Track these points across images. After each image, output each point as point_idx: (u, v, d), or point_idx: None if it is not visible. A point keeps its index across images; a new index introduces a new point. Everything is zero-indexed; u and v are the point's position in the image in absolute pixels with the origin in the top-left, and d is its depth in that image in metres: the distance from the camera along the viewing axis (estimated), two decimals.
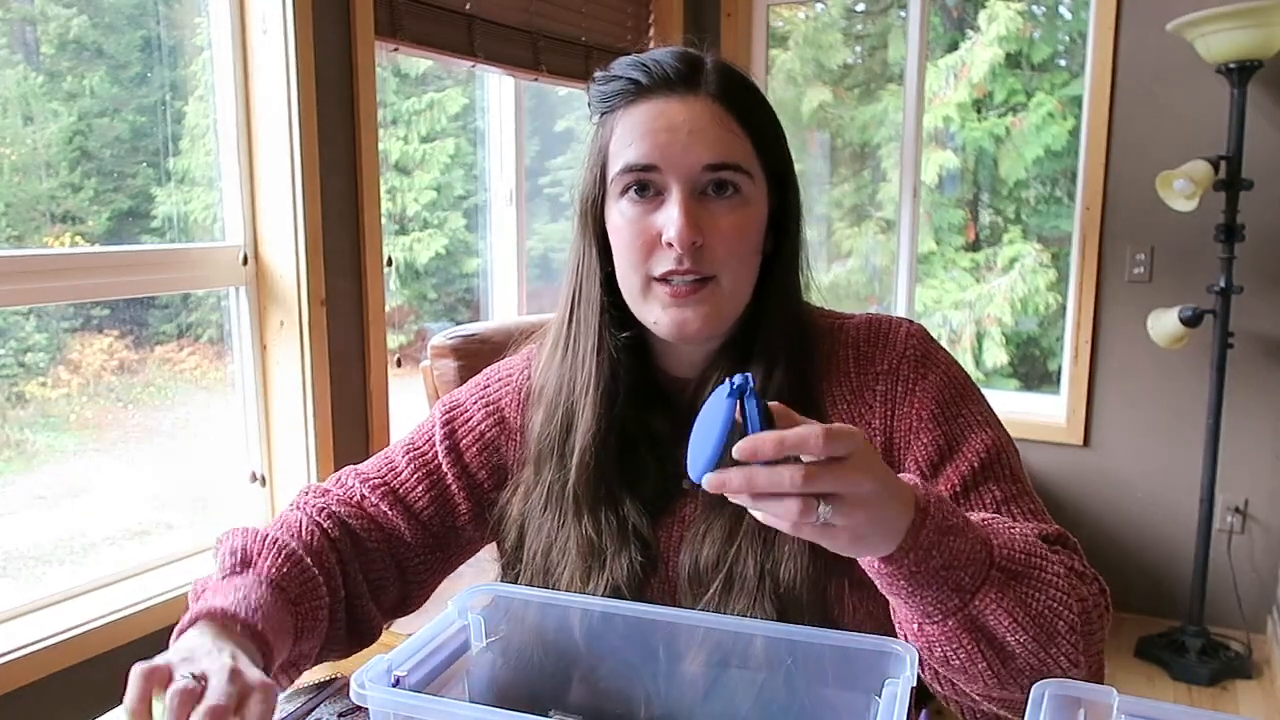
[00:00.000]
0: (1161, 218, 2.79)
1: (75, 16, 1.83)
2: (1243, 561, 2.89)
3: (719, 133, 0.81)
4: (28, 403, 1.80)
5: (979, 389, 0.90)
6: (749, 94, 0.85)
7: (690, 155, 0.80)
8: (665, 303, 0.83)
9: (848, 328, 0.90)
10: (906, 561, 0.65)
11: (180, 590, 1.83)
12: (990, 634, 0.69)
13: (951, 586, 0.67)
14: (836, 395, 0.87)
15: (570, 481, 0.86)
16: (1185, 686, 2.67)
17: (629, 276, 0.84)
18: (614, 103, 0.84)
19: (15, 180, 1.77)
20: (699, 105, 0.81)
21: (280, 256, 2.02)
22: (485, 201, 2.86)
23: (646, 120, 0.82)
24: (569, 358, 0.89)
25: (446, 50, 2.37)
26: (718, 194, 0.82)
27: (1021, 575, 0.69)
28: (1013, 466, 0.85)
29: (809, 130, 3.80)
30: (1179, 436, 2.92)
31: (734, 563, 0.82)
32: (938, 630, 0.69)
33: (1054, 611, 0.70)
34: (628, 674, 0.80)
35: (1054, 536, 0.81)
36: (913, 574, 0.66)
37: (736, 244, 0.82)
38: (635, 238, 0.82)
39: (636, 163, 0.81)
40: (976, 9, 3.55)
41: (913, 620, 0.70)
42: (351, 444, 2.13)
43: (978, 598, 0.68)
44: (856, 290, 3.78)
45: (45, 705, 1.63)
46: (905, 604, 0.69)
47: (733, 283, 0.83)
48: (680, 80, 0.82)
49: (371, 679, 0.68)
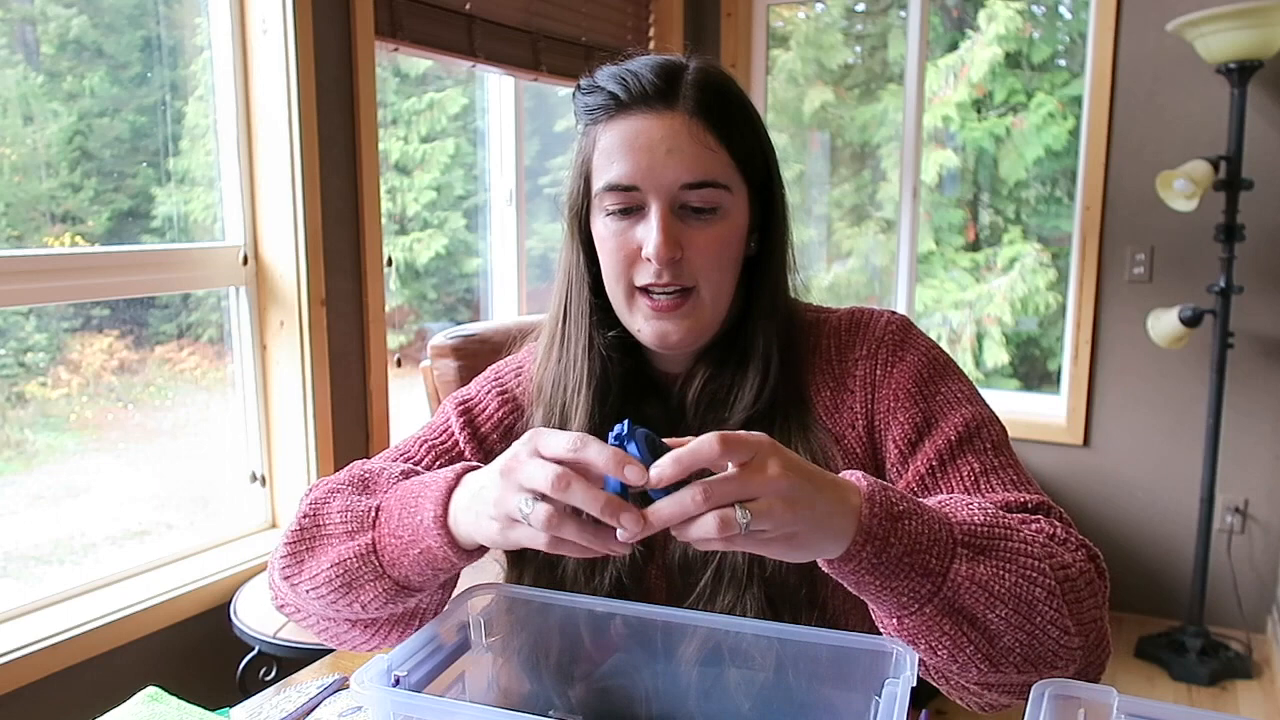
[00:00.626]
0: (1161, 218, 2.79)
1: (75, 16, 1.83)
2: (1243, 561, 2.89)
3: (696, 150, 0.82)
4: (28, 403, 1.80)
5: (959, 370, 0.90)
6: (728, 105, 0.85)
7: (668, 173, 0.82)
8: (647, 314, 0.85)
9: (831, 319, 0.92)
10: (864, 554, 0.64)
11: (180, 590, 1.83)
12: (970, 614, 0.67)
13: (920, 572, 0.66)
14: (820, 384, 0.89)
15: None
16: (1185, 686, 2.67)
17: (613, 286, 0.87)
18: (596, 115, 0.86)
19: (15, 180, 1.77)
20: (676, 122, 0.82)
21: (280, 256, 2.02)
22: (485, 201, 2.86)
23: (626, 138, 0.83)
24: (563, 358, 0.91)
25: (446, 50, 2.37)
26: (696, 210, 0.83)
27: (989, 549, 0.68)
28: (994, 440, 0.85)
29: (809, 130, 3.80)
30: (1179, 436, 2.92)
31: (724, 553, 0.83)
32: (917, 621, 0.68)
33: (1030, 579, 0.68)
34: (628, 673, 0.80)
35: (1034, 505, 0.79)
36: (876, 566, 0.65)
37: (716, 256, 0.84)
38: (617, 250, 0.85)
39: (617, 182, 0.83)
40: (976, 9, 3.55)
41: (891, 616, 0.69)
42: (351, 444, 2.13)
43: (949, 579, 0.66)
44: (856, 290, 3.78)
45: (45, 705, 1.63)
46: (879, 601, 0.68)
47: (713, 293, 0.85)
48: (658, 95, 0.83)
49: (371, 678, 0.68)
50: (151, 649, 1.79)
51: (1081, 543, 0.77)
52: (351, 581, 0.77)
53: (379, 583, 0.76)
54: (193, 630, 1.85)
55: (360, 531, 0.77)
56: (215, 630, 1.84)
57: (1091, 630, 0.72)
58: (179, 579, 1.86)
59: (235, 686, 1.77)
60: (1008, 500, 0.79)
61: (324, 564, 0.78)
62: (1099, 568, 0.77)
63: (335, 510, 0.80)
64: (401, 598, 0.77)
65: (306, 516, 0.81)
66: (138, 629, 1.75)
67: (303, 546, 0.80)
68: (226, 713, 0.98)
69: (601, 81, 0.85)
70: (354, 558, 0.76)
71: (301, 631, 1.67)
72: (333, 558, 0.78)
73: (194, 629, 1.85)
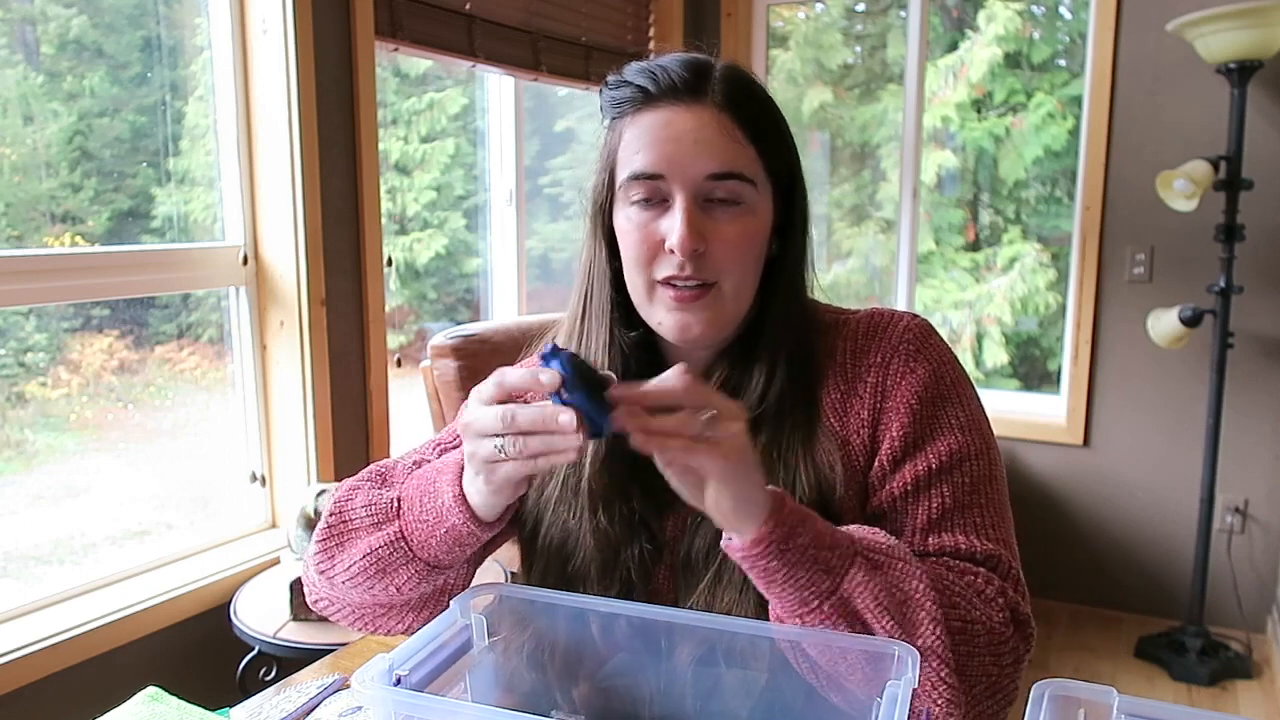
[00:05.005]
0: (1161, 218, 2.79)
1: (75, 16, 1.83)
2: (1243, 561, 2.89)
3: (724, 142, 0.82)
4: (28, 403, 1.80)
5: (973, 393, 0.89)
6: (756, 103, 0.86)
7: (695, 164, 0.82)
8: (669, 306, 0.85)
9: (850, 322, 0.91)
10: (775, 537, 0.70)
11: (180, 590, 1.83)
12: (860, 618, 0.71)
13: (821, 567, 0.71)
14: (831, 387, 0.88)
15: (585, 476, 0.88)
16: (1185, 686, 2.67)
17: (634, 279, 0.86)
18: (623, 109, 0.86)
19: (15, 180, 1.77)
20: (705, 114, 0.82)
21: (280, 256, 2.01)
22: (485, 201, 2.86)
23: (653, 129, 0.83)
24: (583, 353, 0.91)
25: (446, 50, 2.37)
26: (721, 202, 0.83)
27: (884, 565, 0.73)
28: (974, 475, 0.84)
29: (809, 130, 3.80)
30: (1179, 437, 2.92)
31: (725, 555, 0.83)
32: (815, 619, 0.71)
33: (917, 604, 0.72)
34: (631, 674, 0.80)
35: (984, 556, 0.80)
36: (783, 551, 0.70)
37: (739, 251, 0.84)
38: (641, 242, 0.84)
39: (643, 171, 0.83)
40: (976, 9, 3.55)
41: (793, 615, 0.72)
42: (351, 444, 2.13)
43: (846, 578, 0.71)
44: (856, 290, 3.78)
45: (45, 705, 1.63)
46: (782, 594, 0.72)
47: (734, 288, 0.85)
48: (686, 89, 0.83)
49: (373, 678, 0.68)
50: (151, 649, 1.79)
51: (1011, 604, 0.78)
52: (385, 568, 0.83)
53: (411, 566, 0.82)
54: (193, 630, 1.85)
55: (387, 522, 0.83)
56: (215, 630, 1.83)
57: (979, 684, 0.75)
58: (179, 579, 1.86)
59: (235, 686, 1.77)
60: (958, 545, 0.80)
61: (356, 555, 0.84)
62: (1023, 633, 0.78)
63: (359, 505, 0.86)
64: (433, 576, 0.84)
65: (333, 514, 0.87)
66: (138, 629, 1.75)
67: (333, 543, 0.86)
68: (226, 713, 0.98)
69: (630, 76, 0.85)
70: (384, 546, 0.82)
71: (302, 631, 1.67)
72: (363, 549, 0.84)
73: (194, 629, 1.85)
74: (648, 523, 0.88)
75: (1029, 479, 3.12)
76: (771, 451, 0.84)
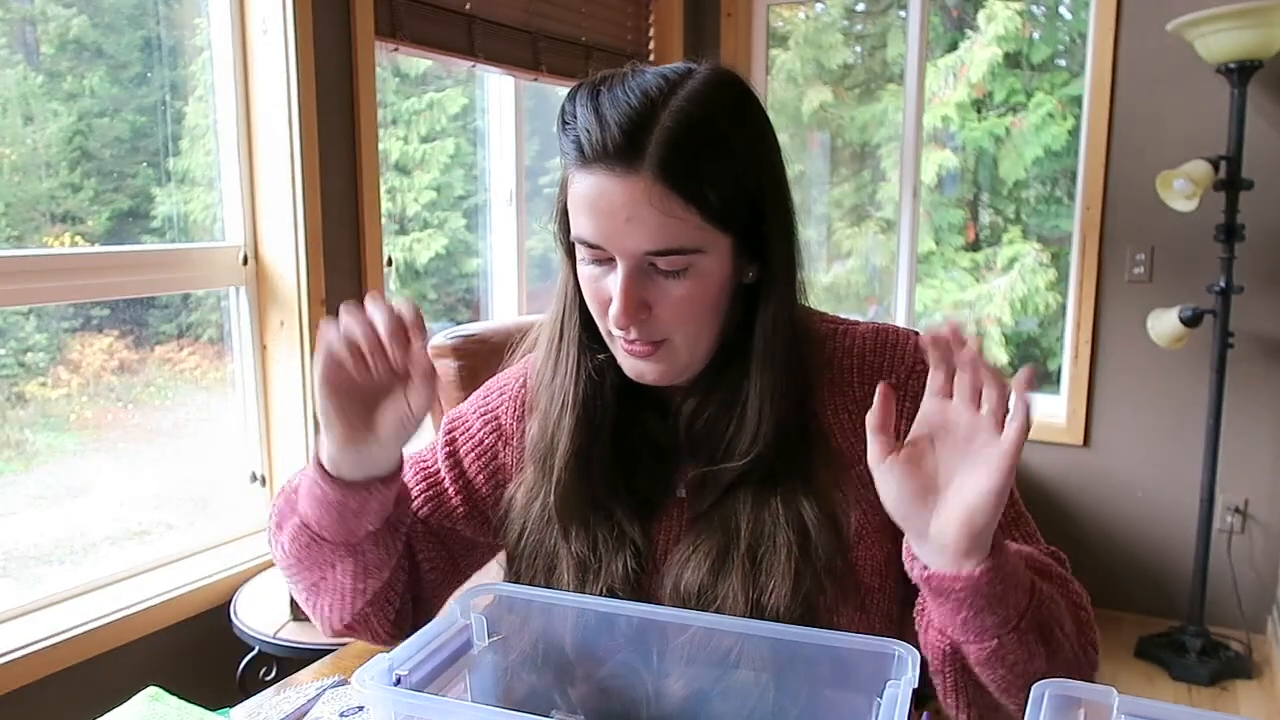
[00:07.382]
0: (1161, 218, 2.79)
1: (75, 16, 1.83)
2: (1243, 561, 2.89)
3: (658, 219, 0.76)
4: (28, 403, 1.80)
5: None
6: (701, 158, 0.76)
7: (629, 241, 0.77)
8: (623, 352, 0.84)
9: (852, 335, 0.90)
10: (1000, 559, 0.69)
11: (180, 590, 1.83)
12: (1048, 628, 0.73)
13: (1023, 587, 0.71)
14: (839, 404, 0.87)
15: (555, 497, 0.88)
16: (1185, 686, 2.67)
17: (594, 319, 0.86)
18: (567, 156, 0.81)
19: (15, 180, 1.77)
20: (637, 187, 0.75)
21: (280, 256, 2.01)
22: (485, 201, 2.86)
23: (589, 197, 0.78)
24: (555, 376, 0.90)
25: (446, 50, 2.37)
26: (664, 272, 0.80)
27: (1043, 572, 0.77)
28: (1013, 490, 0.84)
29: (809, 130, 3.81)
30: (1179, 436, 2.92)
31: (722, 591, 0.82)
32: (1015, 638, 0.71)
33: (1077, 603, 0.78)
34: (629, 674, 0.80)
35: (1048, 553, 0.86)
36: (1000, 572, 0.69)
37: (686, 312, 0.81)
38: (593, 296, 0.83)
39: (583, 239, 0.80)
40: (976, 9, 3.55)
41: (990, 638, 0.71)
42: None
43: (1037, 592, 0.72)
44: (856, 290, 3.78)
45: (45, 705, 1.63)
46: (982, 619, 0.70)
47: (688, 340, 0.83)
48: (619, 155, 0.75)
49: (373, 678, 0.68)
50: (151, 649, 1.79)
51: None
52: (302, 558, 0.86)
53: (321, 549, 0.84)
54: (193, 630, 1.85)
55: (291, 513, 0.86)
56: (215, 630, 1.83)
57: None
58: (179, 579, 1.86)
59: (235, 686, 1.77)
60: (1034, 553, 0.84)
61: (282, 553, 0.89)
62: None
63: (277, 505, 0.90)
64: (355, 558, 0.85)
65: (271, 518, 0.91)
66: (138, 629, 1.75)
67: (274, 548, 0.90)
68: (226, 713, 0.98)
69: (571, 118, 0.80)
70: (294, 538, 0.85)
71: (302, 631, 1.67)
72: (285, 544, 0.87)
73: (194, 629, 1.85)
74: (631, 537, 0.87)
75: (1029, 479, 3.12)
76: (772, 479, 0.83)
